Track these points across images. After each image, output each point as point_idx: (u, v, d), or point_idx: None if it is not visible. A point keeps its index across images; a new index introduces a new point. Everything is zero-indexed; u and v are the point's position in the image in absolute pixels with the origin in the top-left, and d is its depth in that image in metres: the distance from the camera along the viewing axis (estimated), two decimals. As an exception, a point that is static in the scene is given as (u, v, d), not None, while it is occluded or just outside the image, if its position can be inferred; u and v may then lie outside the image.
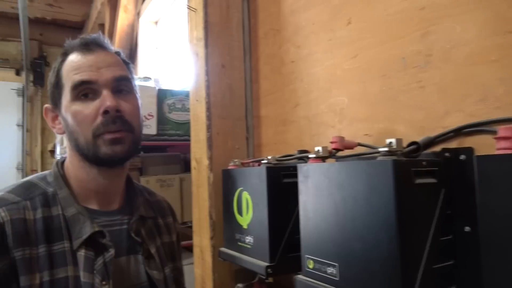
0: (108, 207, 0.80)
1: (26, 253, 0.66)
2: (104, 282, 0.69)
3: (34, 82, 5.06)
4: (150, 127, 1.82)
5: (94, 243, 0.71)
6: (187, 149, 1.49)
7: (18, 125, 5.11)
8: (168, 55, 3.03)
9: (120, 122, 0.72)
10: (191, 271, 1.48)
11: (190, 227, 1.54)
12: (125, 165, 0.80)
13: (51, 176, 0.77)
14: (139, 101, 0.81)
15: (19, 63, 5.00)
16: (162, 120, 1.90)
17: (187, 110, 1.94)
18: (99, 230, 0.72)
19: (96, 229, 0.72)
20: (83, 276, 0.68)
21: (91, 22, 3.97)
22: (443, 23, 0.72)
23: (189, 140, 1.40)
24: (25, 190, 0.73)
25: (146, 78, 1.93)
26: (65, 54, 0.77)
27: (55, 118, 0.79)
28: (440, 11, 0.72)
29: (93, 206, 0.78)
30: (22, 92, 5.12)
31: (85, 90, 0.72)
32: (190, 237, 1.47)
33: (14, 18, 4.00)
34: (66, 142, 0.79)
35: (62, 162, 0.81)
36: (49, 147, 4.79)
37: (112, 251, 0.72)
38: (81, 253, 0.70)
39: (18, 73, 5.11)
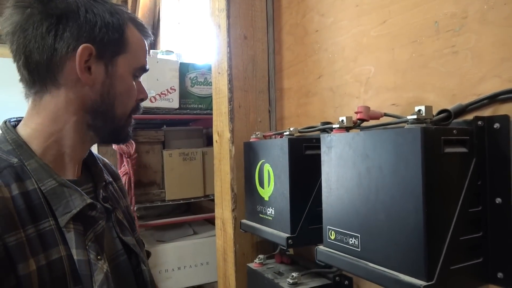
0: (75, 175, 0.73)
1: (18, 237, 0.57)
2: (99, 257, 0.64)
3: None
4: (172, 101, 1.82)
5: (81, 217, 0.65)
6: (209, 123, 1.49)
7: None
8: (191, 30, 3.01)
9: (140, 110, 0.80)
10: (213, 243, 1.51)
11: (212, 200, 1.56)
12: None
13: (6, 144, 0.65)
14: None
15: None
16: (184, 94, 1.90)
17: (209, 84, 1.93)
18: (90, 203, 0.66)
19: (88, 202, 0.65)
20: (77, 254, 0.62)
21: (115, -2, 3.99)
22: (481, -18, 0.66)
23: (211, 114, 1.39)
24: None
25: (168, 52, 1.92)
26: (122, 16, 0.71)
27: (86, 62, 0.66)
28: (478, -31, 0.67)
29: (66, 175, 0.70)
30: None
31: (139, 74, 0.76)
32: (212, 210, 1.49)
33: None
34: (61, 98, 0.67)
35: (13, 127, 0.68)
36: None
37: (102, 223, 0.67)
38: (71, 229, 0.63)
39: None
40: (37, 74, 0.66)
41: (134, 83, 0.74)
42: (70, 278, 0.61)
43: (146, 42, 0.77)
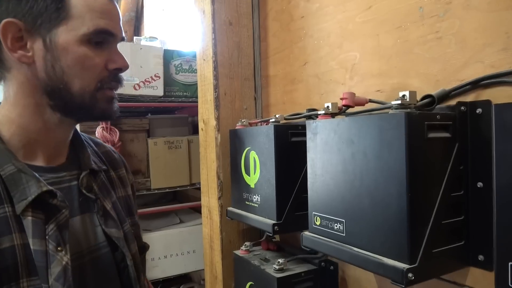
0: (54, 162, 0.70)
1: None
2: (59, 248, 0.60)
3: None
4: (156, 89, 1.79)
5: (43, 205, 0.61)
6: (195, 111, 1.48)
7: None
8: (175, 17, 2.95)
9: (119, 81, 0.71)
10: (199, 231, 1.51)
11: (199, 188, 1.56)
12: None
13: None
14: None
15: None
16: (169, 81, 1.87)
17: (194, 71, 1.90)
18: (48, 190, 0.62)
19: (44, 189, 0.61)
20: (33, 244, 0.59)
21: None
22: (466, -33, 0.66)
23: (196, 102, 1.38)
24: None
25: (152, 38, 1.88)
26: None
27: (19, 39, 0.62)
28: (463, -46, 0.67)
29: (37, 162, 0.67)
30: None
31: (101, 39, 0.65)
32: (198, 199, 1.48)
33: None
34: (14, 81, 0.64)
35: None
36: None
37: (65, 212, 0.63)
38: (28, 218, 0.59)
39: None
40: None
41: (90, 51, 0.64)
42: (23, 269, 0.58)
43: (106, 1, 0.66)
